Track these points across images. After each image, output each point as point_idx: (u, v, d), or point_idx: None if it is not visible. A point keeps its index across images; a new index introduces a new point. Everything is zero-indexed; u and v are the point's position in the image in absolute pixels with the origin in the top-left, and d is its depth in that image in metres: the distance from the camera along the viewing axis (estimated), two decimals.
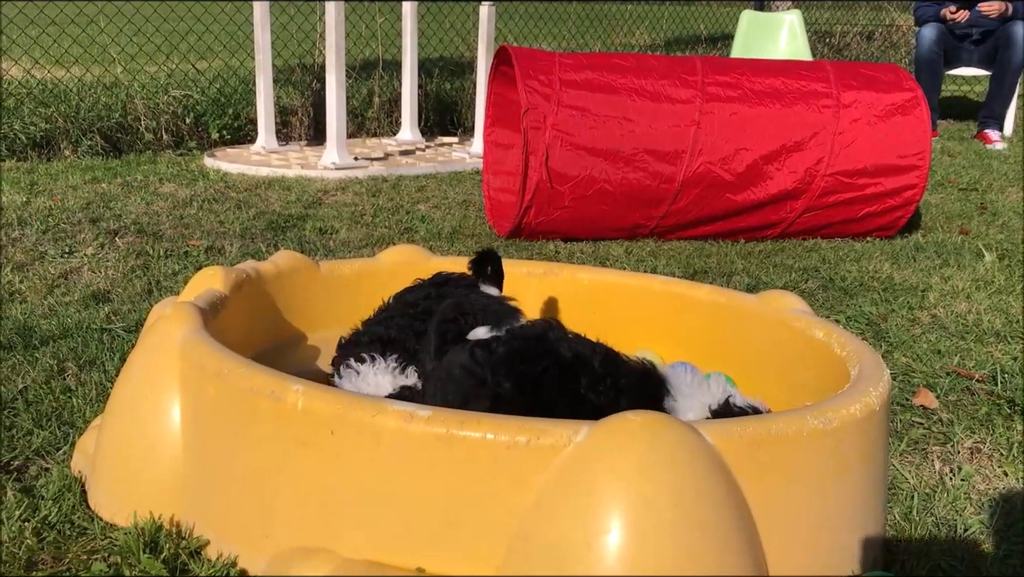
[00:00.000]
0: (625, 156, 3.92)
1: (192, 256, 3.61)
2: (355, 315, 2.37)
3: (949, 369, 2.65)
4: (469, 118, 7.20)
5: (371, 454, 1.45)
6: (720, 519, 1.37)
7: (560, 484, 1.38)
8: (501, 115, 4.43)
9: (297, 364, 2.11)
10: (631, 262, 3.76)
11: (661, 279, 2.41)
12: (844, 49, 10.18)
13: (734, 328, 2.17)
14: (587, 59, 4.14)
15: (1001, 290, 3.44)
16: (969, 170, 6.10)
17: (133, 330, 2.73)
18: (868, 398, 1.58)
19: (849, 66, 4.33)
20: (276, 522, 1.55)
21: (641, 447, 1.36)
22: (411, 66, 6.37)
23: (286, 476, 1.54)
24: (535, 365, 1.70)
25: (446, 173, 5.68)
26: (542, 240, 4.05)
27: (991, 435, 2.23)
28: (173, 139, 6.15)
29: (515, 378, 1.68)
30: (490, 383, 1.67)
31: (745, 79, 4.07)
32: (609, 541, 1.33)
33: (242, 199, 4.70)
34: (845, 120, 4.05)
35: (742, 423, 1.46)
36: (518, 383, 1.67)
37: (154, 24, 7.00)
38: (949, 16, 7.11)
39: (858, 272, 3.65)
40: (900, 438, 2.20)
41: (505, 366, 1.68)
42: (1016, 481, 2.02)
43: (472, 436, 1.40)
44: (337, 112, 5.42)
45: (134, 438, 1.75)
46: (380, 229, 4.19)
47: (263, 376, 1.57)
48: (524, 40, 9.46)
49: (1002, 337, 2.93)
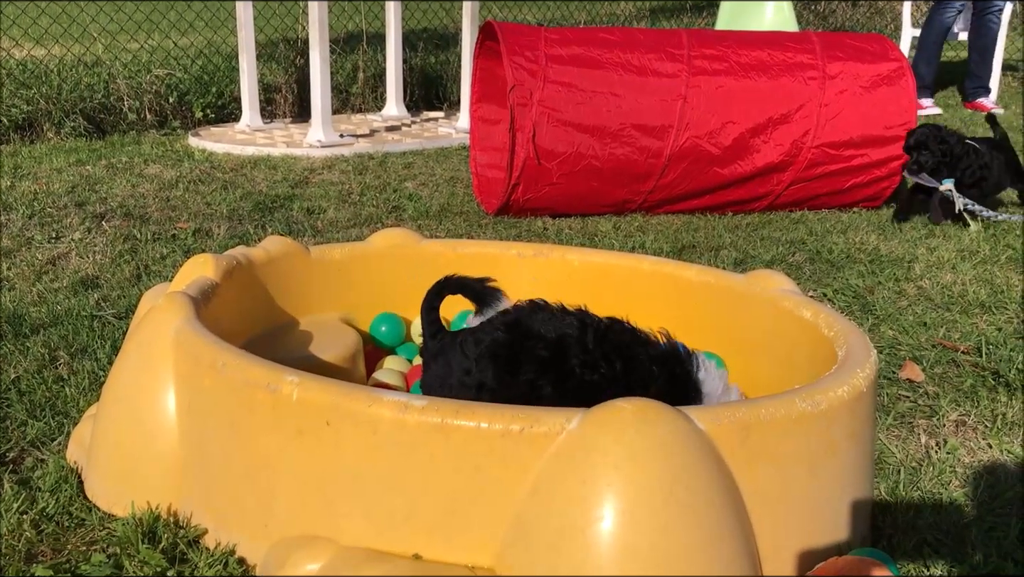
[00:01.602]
0: (612, 131, 3.92)
1: (180, 239, 3.60)
2: (346, 299, 2.39)
3: (935, 341, 2.69)
4: (455, 92, 7.17)
5: (367, 444, 1.47)
6: (712, 503, 1.39)
7: (554, 471, 1.40)
8: (487, 90, 4.41)
9: (290, 350, 2.12)
10: (619, 237, 3.78)
11: (651, 259, 2.42)
12: (830, 16, 10.16)
13: (723, 308, 2.19)
14: (573, 34, 4.12)
15: (986, 260, 3.47)
16: None
17: (124, 317, 2.73)
18: (856, 380, 1.60)
19: (835, 37, 4.33)
20: (274, 511, 1.57)
21: (633, 434, 1.39)
22: (395, 41, 6.33)
23: (284, 466, 1.56)
24: (513, 351, 1.77)
25: (432, 149, 5.66)
26: (530, 217, 4.05)
27: (976, 407, 2.27)
28: (157, 119, 6.11)
29: (495, 367, 1.76)
30: (473, 373, 1.76)
31: (731, 52, 4.06)
32: (603, 527, 1.36)
33: (228, 179, 4.68)
34: (831, 92, 4.06)
35: (731, 408, 1.48)
36: (497, 371, 1.76)
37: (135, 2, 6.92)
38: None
39: (845, 244, 3.67)
40: (887, 412, 2.23)
41: (487, 356, 1.76)
42: (1000, 453, 2.06)
43: (467, 425, 1.42)
44: (322, 89, 5.39)
45: (130, 429, 1.77)
46: (368, 208, 4.19)
47: (258, 367, 1.58)
48: (508, 9, 9.39)
49: (987, 308, 2.97)
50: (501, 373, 1.76)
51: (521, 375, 1.76)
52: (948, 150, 3.88)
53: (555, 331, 1.80)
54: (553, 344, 1.78)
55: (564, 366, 1.76)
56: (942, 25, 7.20)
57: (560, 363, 1.77)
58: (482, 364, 1.77)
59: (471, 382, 1.77)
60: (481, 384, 1.77)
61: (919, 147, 3.88)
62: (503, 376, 1.76)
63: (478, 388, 1.77)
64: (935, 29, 7.22)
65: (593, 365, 1.77)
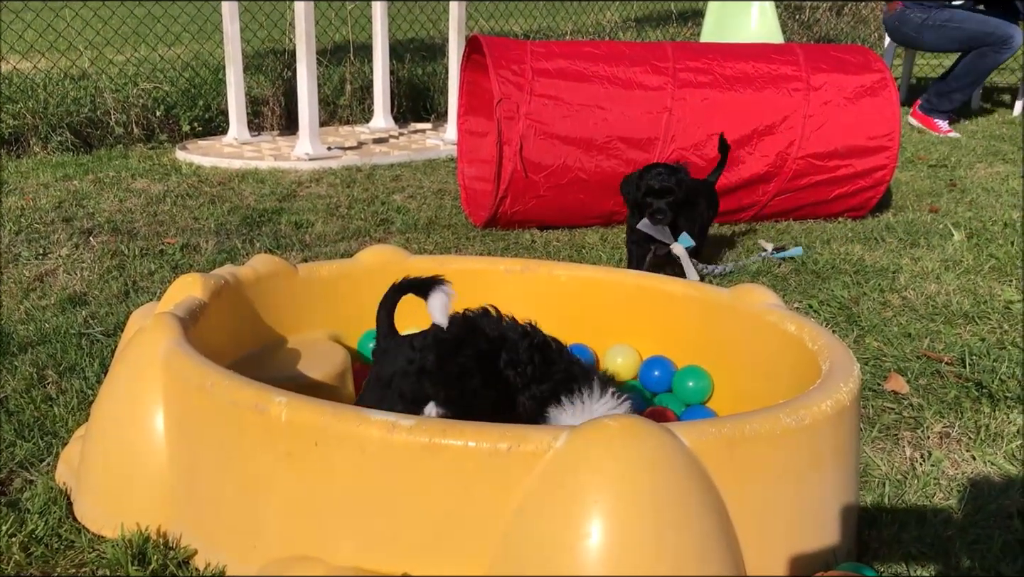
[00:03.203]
0: (599, 144, 3.94)
1: (168, 255, 3.61)
2: (334, 317, 2.39)
3: (919, 353, 2.71)
4: (442, 103, 7.19)
5: (356, 464, 1.48)
6: (698, 520, 1.41)
7: (542, 489, 1.41)
8: (474, 103, 4.43)
9: (279, 369, 2.13)
10: (607, 249, 3.80)
11: (637, 274, 2.44)
12: (814, 25, 10.23)
13: (709, 323, 2.21)
14: (559, 47, 4.15)
15: (969, 270, 3.50)
16: (939, 146, 6.17)
17: (112, 334, 2.73)
18: (839, 394, 1.62)
19: (818, 48, 4.37)
20: (264, 531, 1.58)
21: (619, 451, 1.40)
22: (383, 53, 6.34)
23: (273, 486, 1.56)
24: (456, 342, 1.89)
25: (420, 161, 5.67)
26: (518, 229, 4.07)
27: (960, 419, 2.29)
28: (144, 132, 6.11)
29: (437, 353, 1.86)
30: (417, 359, 1.85)
31: (716, 64, 4.09)
32: (591, 544, 1.37)
33: (216, 193, 4.69)
34: (815, 103, 4.09)
35: (717, 423, 1.50)
36: (439, 357, 1.85)
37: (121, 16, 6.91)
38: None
39: (830, 255, 3.70)
40: (872, 424, 2.25)
41: (431, 344, 1.88)
42: (984, 465, 2.08)
43: (455, 444, 1.43)
44: (309, 102, 5.40)
45: (119, 450, 1.77)
46: (356, 221, 4.20)
47: (247, 388, 1.59)
48: (494, 19, 9.42)
49: (970, 318, 2.99)
50: (441, 358, 1.86)
51: (458, 358, 1.86)
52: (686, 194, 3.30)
53: (498, 331, 1.92)
54: (493, 340, 1.90)
55: (496, 361, 1.88)
56: (996, 63, 6.73)
57: (494, 357, 1.88)
58: (425, 352, 1.87)
59: (413, 369, 1.86)
60: (422, 368, 1.85)
61: (663, 193, 3.25)
62: (443, 360, 1.85)
63: (418, 373, 1.85)
64: (988, 65, 6.66)
65: (516, 364, 1.87)
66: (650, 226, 3.28)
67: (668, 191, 3.25)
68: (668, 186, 3.25)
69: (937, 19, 6.51)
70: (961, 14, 6.46)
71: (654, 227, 3.28)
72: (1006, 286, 3.30)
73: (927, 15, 6.54)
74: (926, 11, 6.55)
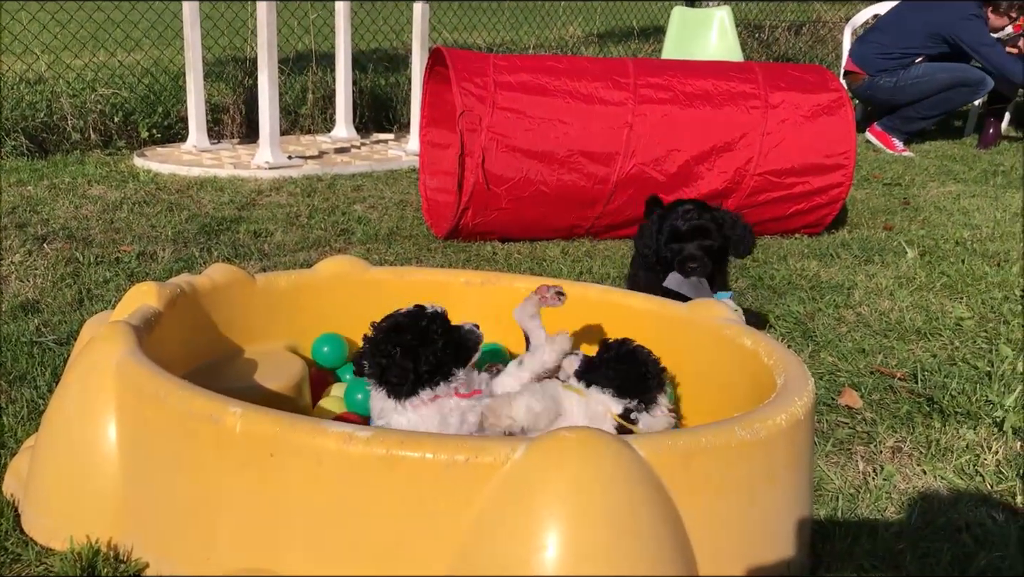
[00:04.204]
0: (560, 158, 3.96)
1: (124, 263, 3.56)
2: (292, 328, 2.38)
3: (873, 368, 2.75)
4: (405, 114, 7.18)
5: (312, 476, 1.47)
6: (654, 532, 1.42)
7: (499, 501, 1.41)
8: (437, 115, 4.43)
9: (235, 380, 2.11)
10: (567, 262, 3.81)
11: (598, 288, 2.45)
12: (773, 44, 10.37)
13: (667, 337, 2.22)
14: (521, 61, 4.17)
15: (922, 287, 3.57)
16: (893, 165, 6.28)
17: (65, 343, 2.69)
18: (794, 408, 1.64)
19: (777, 67, 4.44)
20: (218, 543, 1.56)
21: (576, 464, 1.41)
22: (345, 63, 6.32)
23: (227, 498, 1.55)
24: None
25: (382, 171, 5.66)
26: (480, 241, 4.07)
27: (911, 434, 2.33)
28: (101, 139, 6.02)
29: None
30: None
31: (676, 81, 4.14)
32: (547, 557, 1.37)
33: (174, 201, 4.63)
34: (773, 121, 4.15)
35: (673, 436, 1.51)
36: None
37: (79, 20, 6.82)
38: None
39: (786, 271, 3.75)
40: (826, 439, 2.28)
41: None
42: (934, 479, 2.11)
43: (411, 456, 1.43)
44: (270, 111, 5.37)
45: (70, 461, 1.74)
46: (316, 231, 4.17)
47: (201, 399, 1.57)
48: (458, 32, 9.44)
49: (923, 334, 3.05)
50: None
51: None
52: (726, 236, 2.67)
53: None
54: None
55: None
56: (968, 101, 6.95)
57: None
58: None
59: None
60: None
61: (695, 234, 2.60)
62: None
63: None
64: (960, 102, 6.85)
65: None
66: (682, 282, 2.55)
67: (702, 231, 2.57)
68: (701, 224, 2.57)
69: (907, 79, 6.63)
70: (928, 67, 6.62)
71: (687, 281, 2.54)
72: (957, 303, 3.36)
73: (896, 78, 6.67)
74: (893, 75, 6.68)
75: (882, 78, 6.74)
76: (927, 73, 6.59)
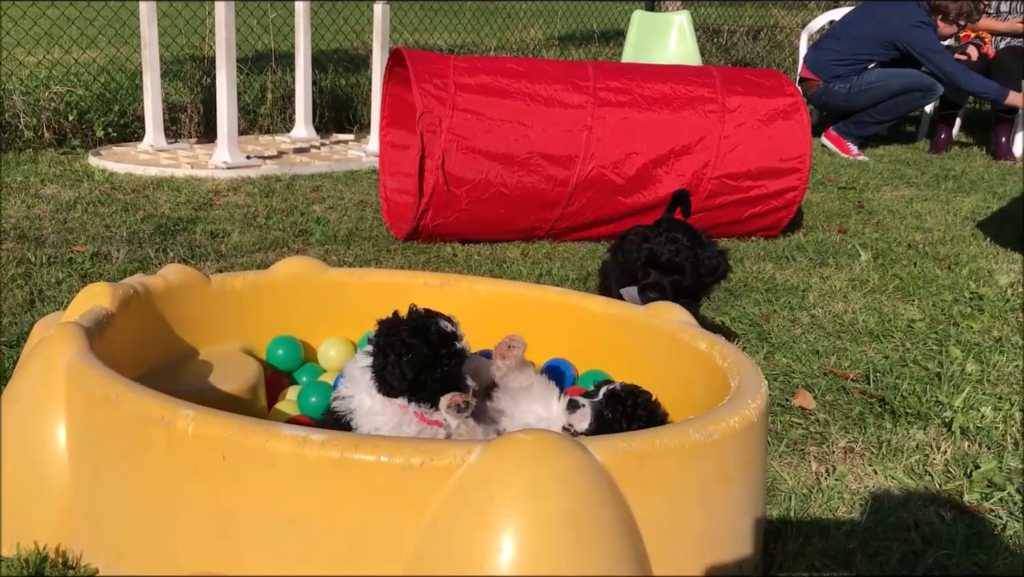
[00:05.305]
0: (520, 160, 3.97)
1: (77, 263, 3.50)
2: (247, 329, 2.36)
3: (826, 369, 2.79)
4: (365, 115, 7.14)
5: (265, 479, 1.46)
6: (608, 534, 1.42)
7: (455, 504, 1.41)
8: (397, 116, 4.42)
9: (189, 382, 2.08)
10: (527, 264, 3.82)
11: (556, 291, 2.46)
12: (732, 48, 10.48)
13: (624, 339, 2.24)
14: (481, 63, 4.17)
15: (875, 289, 3.62)
16: (848, 169, 6.38)
17: (15, 345, 2.64)
18: (747, 410, 1.66)
19: (734, 72, 4.49)
20: (170, 549, 1.54)
21: (532, 466, 1.41)
22: (305, 62, 6.28)
23: (180, 502, 1.53)
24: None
25: (342, 172, 5.63)
26: (440, 242, 4.06)
27: (863, 434, 2.37)
28: (55, 137, 5.91)
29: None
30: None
31: (635, 84, 4.17)
32: (503, 560, 1.37)
33: (129, 201, 4.57)
34: (730, 125, 4.19)
35: (628, 439, 1.52)
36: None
37: (32, 17, 6.70)
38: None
39: (743, 273, 3.79)
40: (780, 439, 2.31)
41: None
42: (884, 479, 2.15)
43: (367, 459, 1.43)
44: (228, 110, 5.31)
45: (18, 464, 1.71)
46: (274, 232, 4.14)
47: (153, 401, 1.55)
48: (419, 33, 9.42)
49: (875, 336, 3.10)
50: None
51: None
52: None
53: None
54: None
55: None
56: (919, 105, 7.11)
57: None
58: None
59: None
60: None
61: (669, 270, 2.61)
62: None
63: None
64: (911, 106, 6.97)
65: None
66: (635, 299, 2.59)
67: (678, 269, 2.59)
68: (679, 264, 2.58)
69: (861, 85, 6.76)
70: (881, 73, 6.74)
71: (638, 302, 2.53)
72: (909, 305, 3.42)
73: (849, 84, 6.79)
74: (847, 81, 6.80)
75: (837, 84, 6.85)
76: (880, 79, 6.71)
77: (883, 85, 6.69)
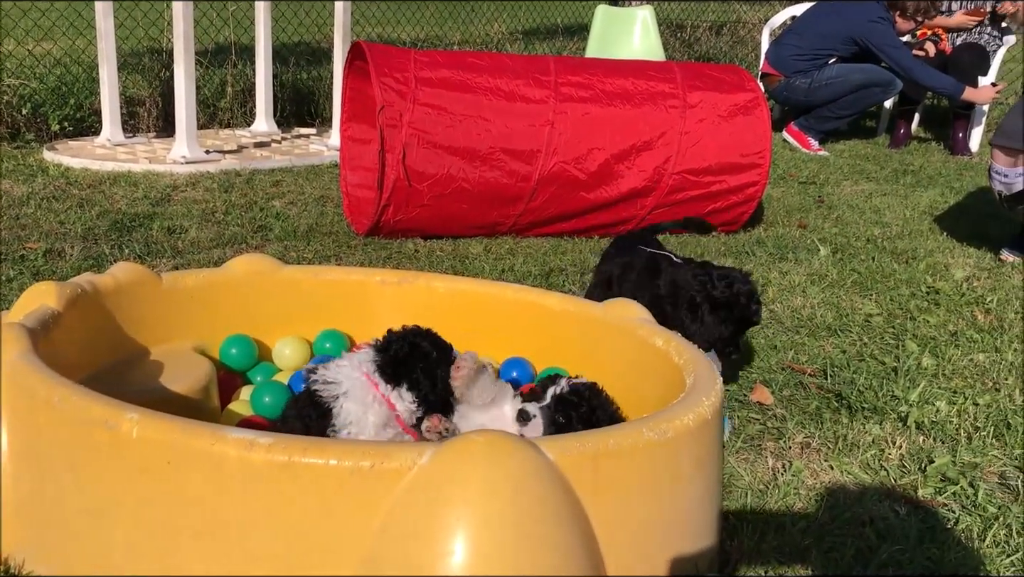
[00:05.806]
0: (482, 155, 3.95)
1: (29, 260, 3.43)
2: (200, 328, 2.32)
3: (784, 364, 2.81)
4: (327, 109, 7.07)
5: (211, 483, 1.43)
6: (561, 535, 1.41)
7: (405, 507, 1.39)
8: (357, 110, 4.38)
9: (138, 383, 2.04)
10: (490, 260, 3.80)
11: (514, 287, 2.45)
12: (695, 44, 10.50)
13: (582, 336, 2.23)
14: (442, 57, 4.14)
15: (833, 284, 3.65)
16: (808, 164, 6.42)
17: None
18: (701, 408, 1.65)
19: (695, 67, 4.50)
20: (115, 554, 1.51)
21: (483, 468, 1.40)
22: (265, 56, 6.21)
23: (125, 507, 1.50)
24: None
25: (303, 167, 5.56)
26: (401, 238, 4.03)
27: (820, 429, 2.38)
28: (9, 131, 5.79)
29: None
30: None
31: (597, 80, 4.16)
32: (454, 561, 1.36)
33: (85, 196, 4.49)
34: (691, 120, 4.20)
35: (581, 438, 1.51)
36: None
37: None
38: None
39: None
40: (737, 435, 2.32)
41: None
42: (840, 474, 2.16)
43: (315, 463, 1.40)
44: (187, 104, 5.23)
45: None
46: (232, 228, 4.08)
47: (97, 404, 1.52)
48: (381, 26, 9.34)
49: (833, 331, 3.12)
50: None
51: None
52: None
53: None
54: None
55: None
56: (879, 101, 7.18)
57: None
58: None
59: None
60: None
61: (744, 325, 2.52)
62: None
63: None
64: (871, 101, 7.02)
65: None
66: (716, 359, 2.45)
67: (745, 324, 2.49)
68: (752, 321, 2.50)
69: (822, 79, 6.81)
70: (841, 68, 6.80)
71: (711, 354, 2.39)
72: (867, 300, 3.45)
73: (810, 79, 6.85)
74: (808, 76, 6.86)
75: (797, 79, 6.90)
76: (840, 74, 6.77)
77: (843, 80, 6.75)
